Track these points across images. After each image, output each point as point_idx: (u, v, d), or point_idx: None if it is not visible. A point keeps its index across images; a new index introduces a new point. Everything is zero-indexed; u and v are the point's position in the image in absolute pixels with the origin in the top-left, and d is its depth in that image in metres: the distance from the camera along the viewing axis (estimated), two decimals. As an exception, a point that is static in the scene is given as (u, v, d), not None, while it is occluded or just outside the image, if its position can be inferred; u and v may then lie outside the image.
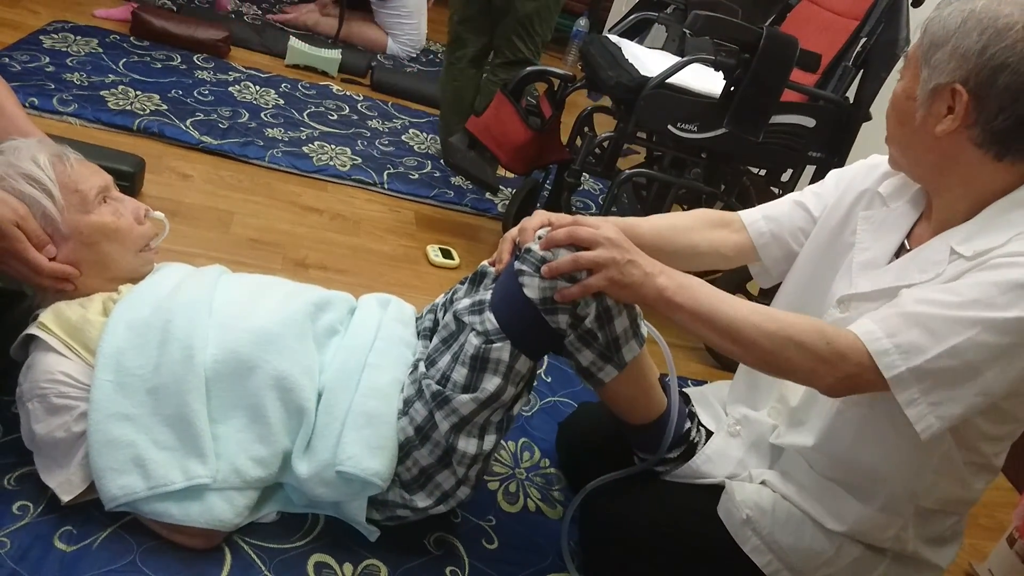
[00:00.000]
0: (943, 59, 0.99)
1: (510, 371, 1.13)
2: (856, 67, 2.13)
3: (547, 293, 1.10)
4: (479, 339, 1.12)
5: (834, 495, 1.15)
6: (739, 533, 1.19)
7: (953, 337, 0.94)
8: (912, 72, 1.05)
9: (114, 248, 1.21)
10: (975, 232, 1.02)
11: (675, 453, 1.27)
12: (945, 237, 1.05)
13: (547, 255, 1.09)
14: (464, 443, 1.17)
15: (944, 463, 1.07)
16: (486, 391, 1.13)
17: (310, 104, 2.91)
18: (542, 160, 2.36)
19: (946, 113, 1.01)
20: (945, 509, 1.14)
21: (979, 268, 0.98)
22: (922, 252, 1.07)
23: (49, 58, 2.54)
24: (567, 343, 1.16)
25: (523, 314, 1.11)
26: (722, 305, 1.05)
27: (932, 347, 0.95)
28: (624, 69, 2.05)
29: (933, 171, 1.07)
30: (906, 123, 1.06)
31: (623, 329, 1.16)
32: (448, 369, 1.15)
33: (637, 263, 1.07)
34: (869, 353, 0.97)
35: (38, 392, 1.10)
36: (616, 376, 1.18)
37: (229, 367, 1.16)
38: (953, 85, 0.99)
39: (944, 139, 1.02)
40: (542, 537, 1.40)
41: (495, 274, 1.20)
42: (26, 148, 1.17)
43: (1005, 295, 0.93)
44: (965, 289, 0.96)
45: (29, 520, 1.12)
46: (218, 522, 1.13)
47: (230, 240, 2.00)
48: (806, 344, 0.99)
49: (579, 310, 1.13)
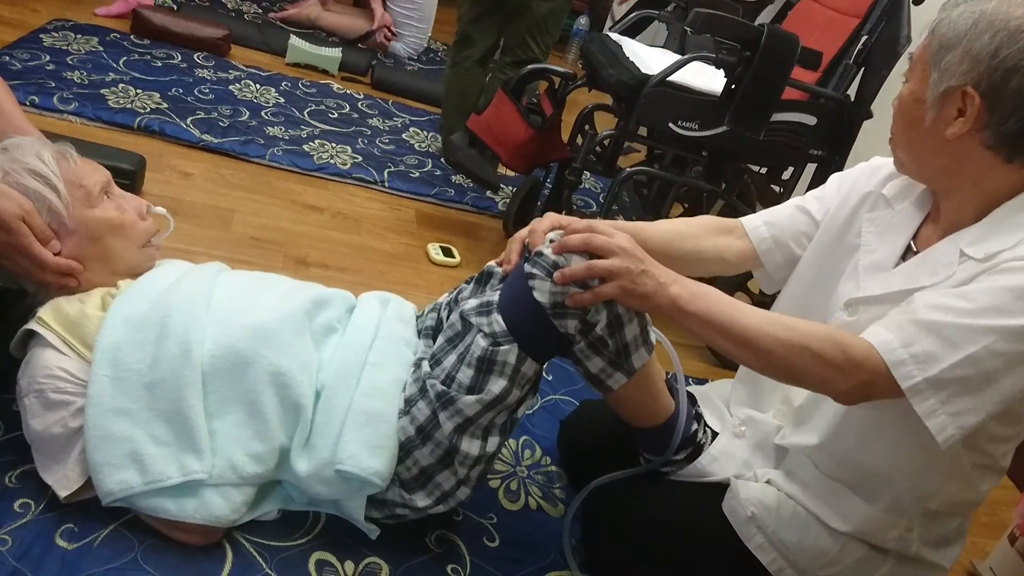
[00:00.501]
0: (954, 61, 0.98)
1: (516, 374, 1.13)
2: (857, 65, 2.12)
3: (558, 298, 1.09)
4: (486, 341, 1.12)
5: (839, 495, 1.14)
6: (744, 530, 1.18)
7: (969, 346, 0.94)
8: (919, 75, 1.04)
9: (118, 243, 1.22)
10: (985, 234, 1.02)
11: (682, 455, 1.27)
12: (954, 239, 1.04)
13: (559, 260, 1.09)
14: (467, 444, 1.17)
15: (952, 465, 1.07)
16: (491, 393, 1.13)
17: (311, 102, 2.90)
18: (543, 158, 2.35)
19: (956, 116, 1.00)
20: (951, 511, 1.13)
21: (991, 272, 0.97)
22: (931, 254, 1.07)
23: (49, 56, 2.54)
24: (576, 350, 1.16)
25: (532, 317, 1.11)
26: (736, 314, 1.04)
27: (948, 356, 0.95)
28: (625, 67, 2.05)
29: (942, 173, 1.06)
30: (914, 126, 1.05)
31: (633, 336, 1.15)
32: (453, 369, 1.15)
33: (650, 273, 1.07)
34: (885, 363, 0.97)
35: (35, 388, 1.10)
36: (625, 383, 1.18)
37: (226, 363, 1.16)
38: (964, 88, 0.98)
39: (954, 142, 1.01)
40: (543, 535, 1.40)
41: (502, 274, 1.20)
42: (29, 145, 1.18)
43: (1019, 300, 0.93)
44: (979, 295, 0.95)
45: (31, 518, 1.12)
46: (214, 518, 1.13)
47: (231, 238, 2.00)
48: (821, 353, 0.99)
49: (590, 317, 1.12)
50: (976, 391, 0.95)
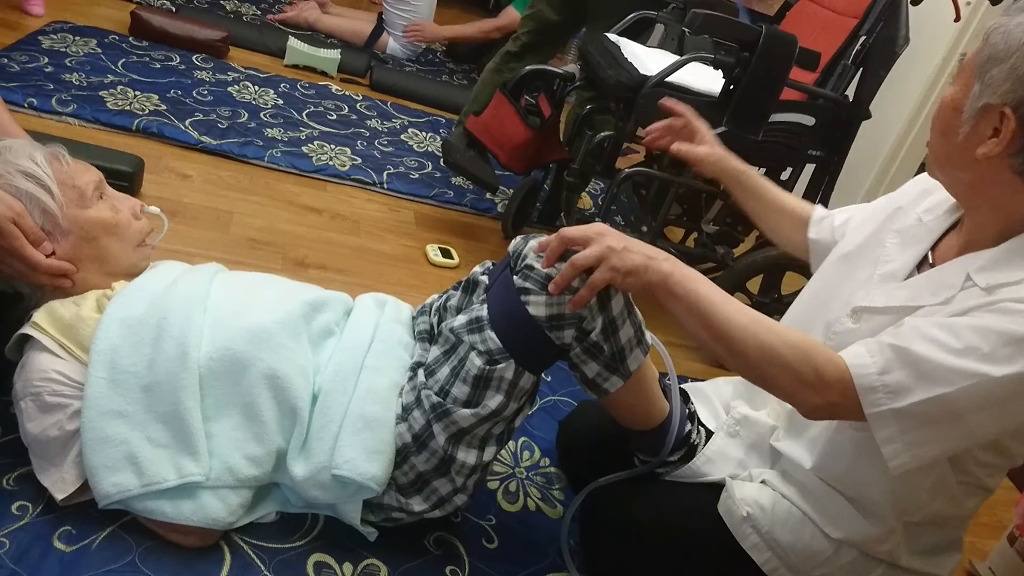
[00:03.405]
0: (999, 77, 0.92)
1: (513, 388, 1.13)
2: (855, 65, 2.13)
3: (554, 310, 1.09)
4: (481, 359, 1.12)
5: (832, 500, 1.14)
6: (739, 530, 1.18)
7: (944, 386, 0.92)
8: (965, 82, 0.98)
9: (113, 243, 1.22)
10: (997, 261, 0.98)
11: (676, 456, 1.27)
12: (965, 261, 1.02)
13: (551, 272, 1.08)
14: (464, 454, 1.17)
15: (938, 483, 1.07)
16: (488, 407, 1.13)
17: (309, 104, 2.90)
18: (541, 159, 2.35)
19: (991, 135, 0.95)
20: (936, 523, 1.13)
21: (987, 309, 0.94)
22: (939, 272, 1.05)
23: (48, 58, 2.54)
24: (572, 355, 1.16)
25: (527, 332, 1.10)
26: (723, 305, 1.03)
27: (920, 391, 0.93)
28: (623, 68, 2.05)
29: (966, 189, 1.03)
30: (949, 136, 1.00)
31: (627, 339, 1.15)
32: (447, 383, 1.14)
33: (633, 248, 1.06)
34: (855, 387, 0.96)
35: (31, 391, 1.10)
36: (621, 386, 1.17)
37: (223, 365, 1.16)
38: (1003, 108, 0.93)
39: (983, 161, 0.96)
40: (542, 536, 1.40)
41: (487, 285, 1.19)
42: (21, 147, 1.18)
43: (1007, 347, 0.90)
44: (967, 333, 0.92)
45: (28, 520, 1.12)
46: (211, 520, 1.13)
47: (230, 240, 2.00)
48: (793, 365, 0.98)
49: (586, 324, 1.12)
50: (939, 426, 0.94)
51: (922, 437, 0.95)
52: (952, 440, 0.96)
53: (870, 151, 2.94)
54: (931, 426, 0.94)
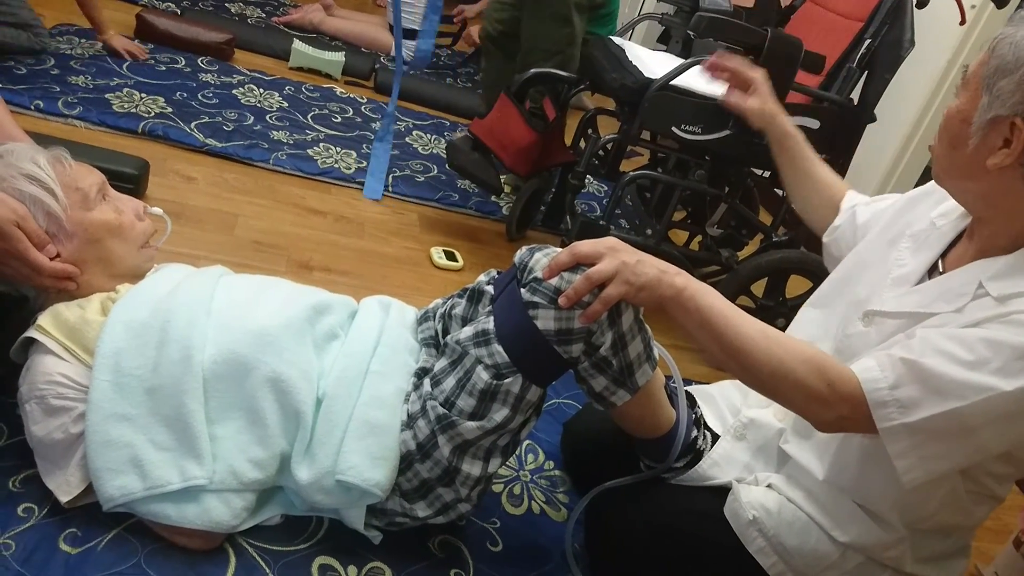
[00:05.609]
0: (1008, 88, 0.92)
1: (519, 401, 1.13)
2: (861, 69, 2.12)
3: (563, 324, 1.08)
4: (488, 373, 1.11)
5: (839, 505, 1.14)
6: (745, 534, 1.18)
7: (956, 400, 0.91)
8: (972, 94, 0.98)
9: (117, 244, 1.22)
10: (1008, 270, 0.98)
11: (681, 463, 1.27)
12: (979, 267, 1.01)
13: (561, 285, 1.07)
14: (469, 465, 1.16)
15: (948, 494, 1.06)
16: (494, 420, 1.13)
17: (314, 106, 2.91)
18: (546, 162, 2.35)
19: (1001, 146, 0.95)
20: (943, 531, 1.13)
21: (1000, 321, 0.93)
22: (951, 279, 1.04)
23: (54, 61, 2.54)
24: (580, 369, 1.15)
25: (535, 346, 1.10)
26: (736, 320, 1.03)
27: (933, 406, 0.92)
28: (628, 71, 2.05)
29: (977, 199, 1.03)
30: (957, 148, 1.00)
31: (636, 354, 1.15)
32: (453, 395, 1.14)
33: (646, 262, 1.06)
34: (867, 401, 0.96)
35: (36, 394, 1.10)
36: (628, 399, 1.17)
37: (227, 368, 1.16)
38: (1014, 119, 0.92)
39: (994, 172, 0.96)
40: (547, 539, 1.40)
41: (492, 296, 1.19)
42: (24, 150, 1.18)
43: (1019, 361, 0.89)
44: (979, 346, 0.92)
45: (34, 522, 1.12)
46: (215, 524, 1.13)
47: (234, 242, 2.00)
48: (805, 380, 0.98)
49: (595, 339, 1.11)
50: (952, 440, 0.94)
51: (935, 451, 0.95)
52: (965, 454, 0.96)
53: (875, 154, 2.93)
54: (943, 440, 0.94)
